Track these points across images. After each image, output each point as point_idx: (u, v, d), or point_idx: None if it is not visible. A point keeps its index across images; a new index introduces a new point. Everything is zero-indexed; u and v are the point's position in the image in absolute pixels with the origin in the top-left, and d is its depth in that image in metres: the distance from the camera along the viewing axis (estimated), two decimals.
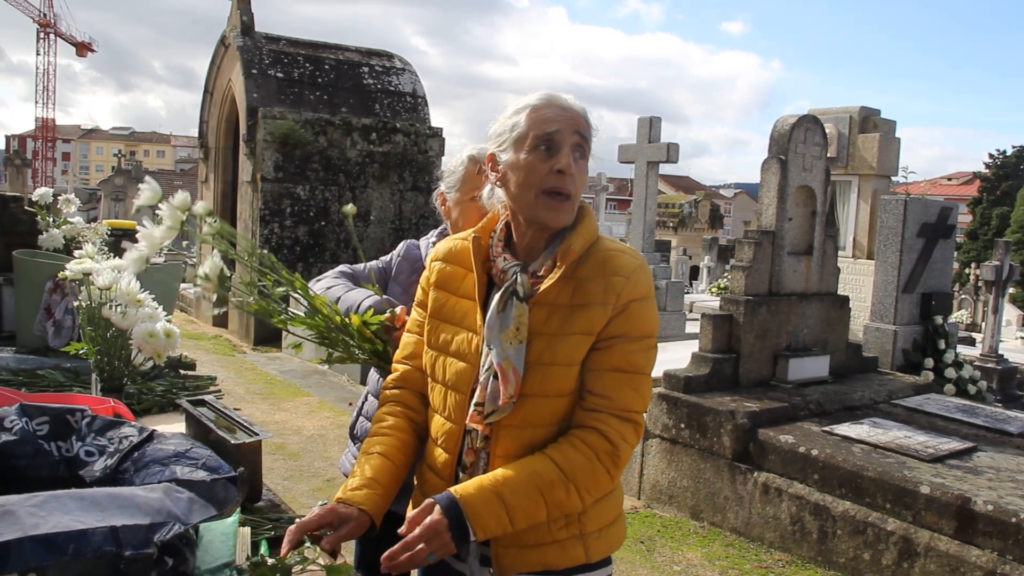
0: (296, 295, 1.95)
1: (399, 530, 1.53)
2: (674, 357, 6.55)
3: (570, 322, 1.69)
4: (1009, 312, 16.09)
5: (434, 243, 2.37)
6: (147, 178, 1.83)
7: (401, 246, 2.51)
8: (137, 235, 1.84)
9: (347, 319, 1.93)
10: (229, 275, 1.85)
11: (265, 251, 1.95)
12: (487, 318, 1.71)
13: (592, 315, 1.68)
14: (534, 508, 1.61)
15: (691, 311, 13.43)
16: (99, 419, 1.50)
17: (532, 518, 1.62)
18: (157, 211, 1.81)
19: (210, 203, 13.17)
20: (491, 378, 1.67)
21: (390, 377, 1.91)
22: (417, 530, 1.51)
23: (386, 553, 1.50)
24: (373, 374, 2.41)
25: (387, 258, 2.52)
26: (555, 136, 1.68)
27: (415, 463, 1.86)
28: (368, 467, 1.72)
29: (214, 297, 1.83)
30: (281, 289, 1.90)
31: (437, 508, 1.54)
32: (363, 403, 2.49)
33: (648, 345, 1.73)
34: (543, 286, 1.70)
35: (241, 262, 1.93)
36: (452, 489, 1.58)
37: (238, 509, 1.41)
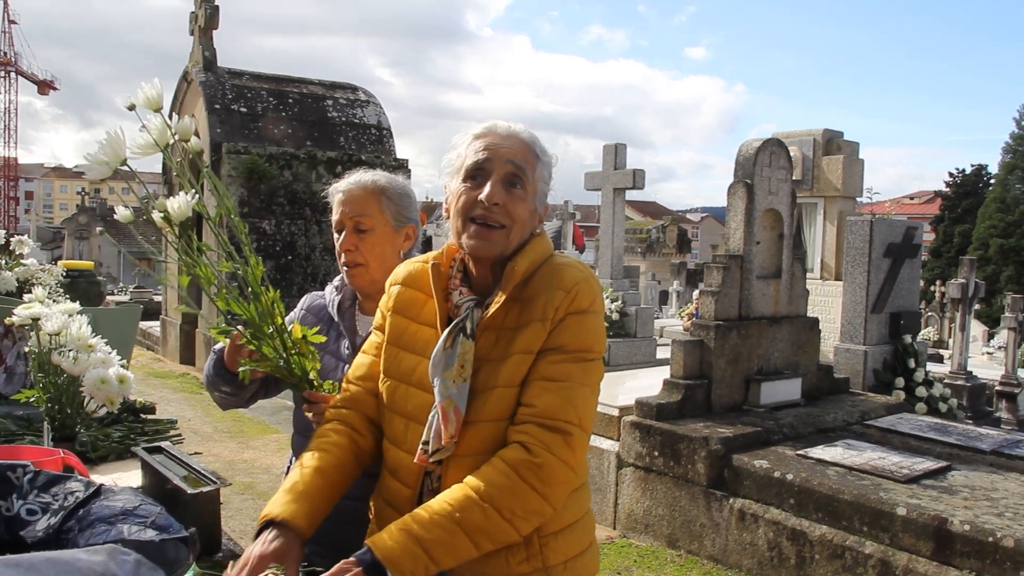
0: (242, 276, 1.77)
1: None
2: (646, 384, 6.51)
3: (513, 343, 1.64)
4: (975, 328, 16.27)
5: (337, 287, 2.32)
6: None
7: (304, 299, 2.43)
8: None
9: (288, 329, 1.82)
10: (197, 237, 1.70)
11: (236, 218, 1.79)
12: (432, 354, 1.65)
13: (532, 332, 1.63)
14: (453, 540, 1.50)
15: (661, 336, 13.44)
16: (43, 474, 1.42)
17: (457, 551, 1.52)
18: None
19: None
20: (436, 416, 1.62)
21: (339, 396, 1.84)
22: None
23: None
24: (296, 436, 2.31)
25: (291, 316, 2.36)
26: (484, 165, 1.67)
27: (363, 489, 1.78)
28: (301, 482, 1.64)
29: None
30: (231, 264, 1.75)
31: (354, 564, 1.47)
32: (288, 467, 2.37)
33: (582, 358, 1.64)
34: (489, 311, 1.66)
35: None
36: (368, 540, 1.51)
37: (192, 567, 1.34)
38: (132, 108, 1.66)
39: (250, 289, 1.75)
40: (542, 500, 1.57)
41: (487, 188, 1.65)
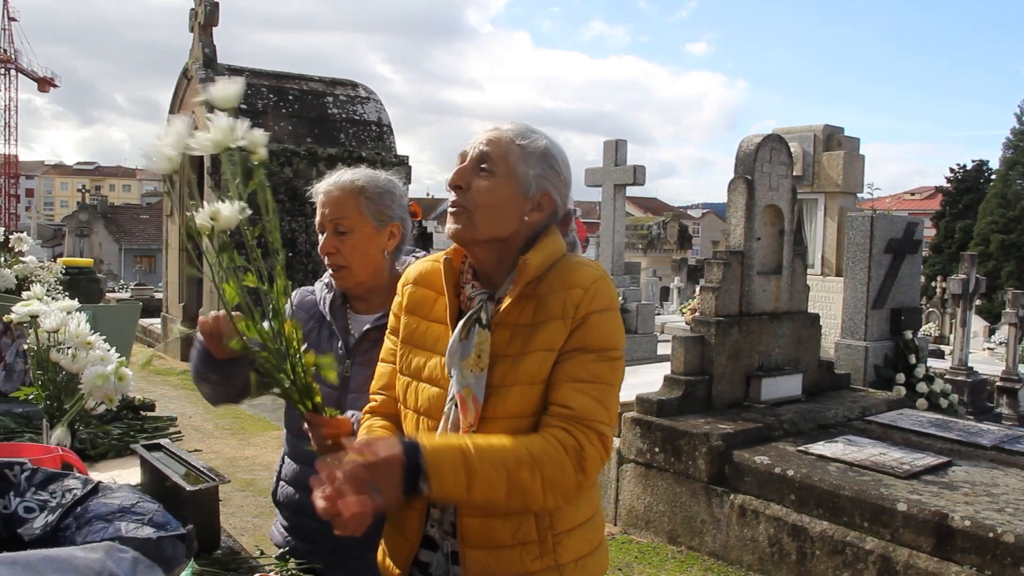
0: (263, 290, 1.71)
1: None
2: (647, 380, 6.51)
3: (532, 340, 1.64)
4: (976, 324, 16.23)
5: (327, 283, 2.30)
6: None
7: (294, 294, 2.35)
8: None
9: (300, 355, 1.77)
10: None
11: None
12: (449, 345, 1.66)
13: (552, 331, 1.63)
14: (497, 481, 1.50)
15: (662, 332, 13.42)
16: (41, 472, 1.42)
17: (491, 493, 1.50)
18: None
19: (176, 236, 13.06)
20: (453, 407, 1.63)
21: (366, 407, 1.87)
22: (369, 450, 1.44)
23: (327, 460, 1.46)
24: (288, 436, 2.29)
25: None
26: (461, 154, 1.72)
27: None
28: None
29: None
30: (256, 279, 1.70)
31: (395, 441, 1.47)
32: (281, 466, 2.34)
33: (610, 357, 1.66)
34: (503, 306, 1.66)
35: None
36: (420, 439, 1.50)
37: (190, 564, 1.34)
38: (207, 105, 1.61)
39: (271, 307, 1.68)
40: (576, 484, 1.59)
41: (452, 174, 1.71)
